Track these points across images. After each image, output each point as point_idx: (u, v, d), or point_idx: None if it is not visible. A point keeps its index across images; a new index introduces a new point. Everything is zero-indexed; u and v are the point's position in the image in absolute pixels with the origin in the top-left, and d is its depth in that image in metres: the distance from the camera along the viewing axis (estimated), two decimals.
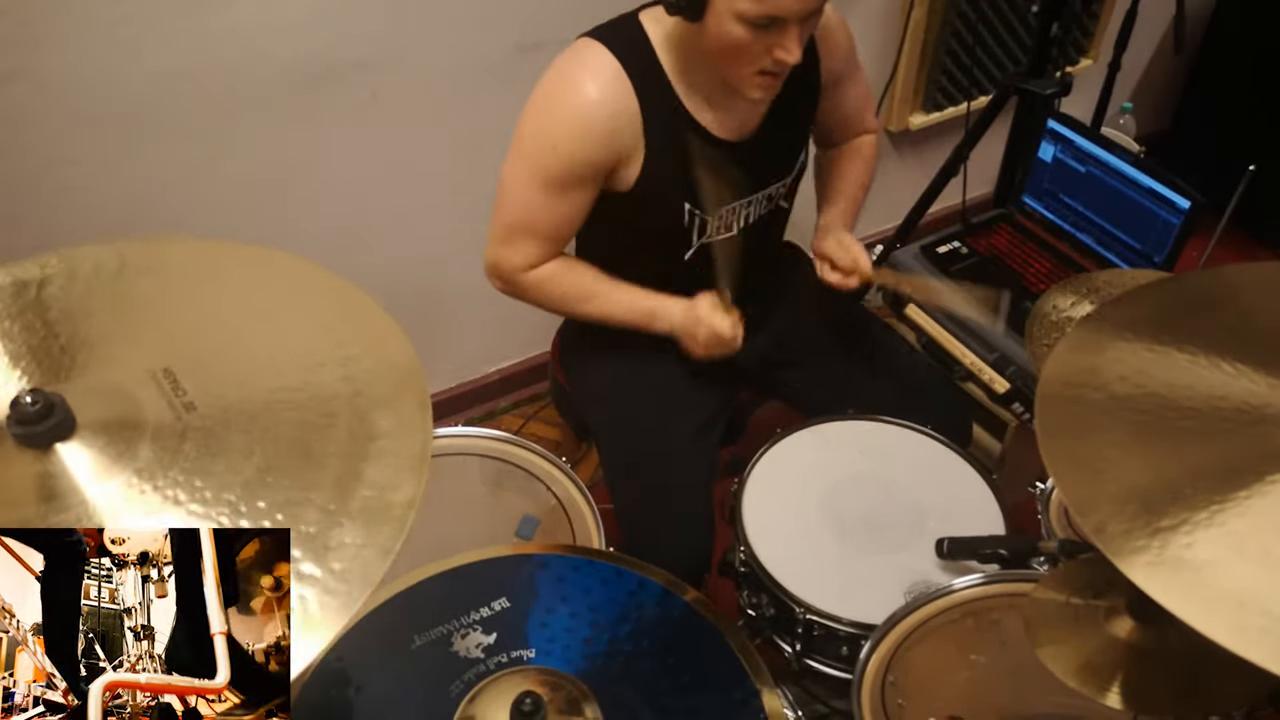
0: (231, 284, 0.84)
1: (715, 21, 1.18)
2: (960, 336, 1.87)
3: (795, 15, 1.16)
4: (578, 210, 1.36)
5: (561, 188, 1.31)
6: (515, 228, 1.37)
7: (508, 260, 1.39)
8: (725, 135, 1.35)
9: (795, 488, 1.39)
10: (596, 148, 1.28)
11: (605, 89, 1.26)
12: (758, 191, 1.42)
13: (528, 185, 1.32)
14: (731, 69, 1.24)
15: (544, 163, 1.30)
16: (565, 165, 1.29)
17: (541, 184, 1.31)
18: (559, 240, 1.39)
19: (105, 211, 1.68)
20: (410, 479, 0.69)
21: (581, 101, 1.26)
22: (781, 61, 1.20)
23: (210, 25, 1.60)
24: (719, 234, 1.42)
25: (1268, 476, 0.70)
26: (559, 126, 1.28)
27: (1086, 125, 1.87)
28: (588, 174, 1.31)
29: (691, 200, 1.36)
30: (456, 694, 1.01)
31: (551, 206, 1.33)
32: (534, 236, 1.37)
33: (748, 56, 1.21)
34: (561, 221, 1.36)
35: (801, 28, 1.18)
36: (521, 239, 1.37)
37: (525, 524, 1.38)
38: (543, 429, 2.32)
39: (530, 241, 1.37)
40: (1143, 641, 0.89)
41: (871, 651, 1.14)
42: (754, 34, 1.17)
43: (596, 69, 1.27)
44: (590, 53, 1.28)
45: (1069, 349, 0.88)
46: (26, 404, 0.65)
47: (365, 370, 0.76)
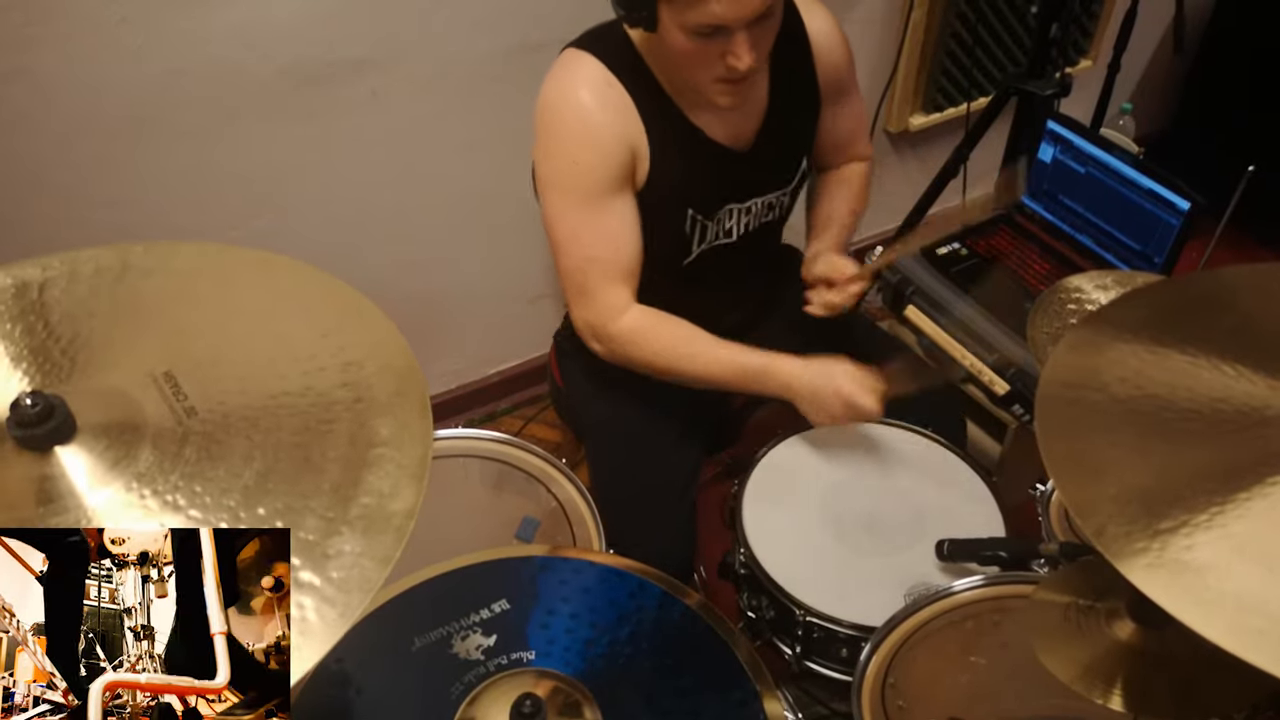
0: (233, 288, 0.84)
1: (666, 33, 1.18)
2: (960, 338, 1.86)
3: (736, 22, 1.14)
4: (626, 223, 1.32)
5: (599, 201, 1.29)
6: (581, 271, 1.33)
7: (593, 315, 1.35)
8: (724, 139, 1.35)
9: (795, 490, 1.39)
10: (614, 148, 1.27)
11: (600, 94, 1.26)
12: (758, 197, 1.42)
13: (569, 217, 1.30)
14: (692, 77, 1.24)
15: (571, 183, 1.28)
16: (591, 175, 1.27)
17: (579, 207, 1.29)
18: (627, 269, 1.34)
19: (105, 212, 1.69)
20: (410, 487, 0.69)
21: (582, 110, 1.26)
22: (734, 68, 1.18)
23: (210, 25, 1.60)
24: (719, 240, 1.42)
25: (1268, 478, 0.70)
26: (569, 141, 1.27)
27: (1086, 126, 1.87)
28: (615, 176, 1.29)
29: (693, 204, 1.36)
30: (456, 696, 1.02)
31: (599, 227, 1.30)
32: (602, 273, 1.32)
33: (702, 65, 1.20)
34: (617, 242, 1.32)
35: (749, 33, 1.16)
36: (597, 283, 1.33)
37: (525, 526, 1.38)
38: (543, 431, 2.32)
39: (601, 281, 1.33)
40: (1143, 644, 0.89)
41: (872, 653, 1.14)
42: (701, 42, 1.16)
43: (587, 78, 1.27)
44: (578, 61, 1.28)
45: (1069, 350, 0.88)
46: (27, 406, 0.65)
47: (366, 376, 0.76)
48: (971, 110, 2.18)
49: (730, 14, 1.13)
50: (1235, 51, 2.63)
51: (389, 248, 2.01)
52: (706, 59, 1.19)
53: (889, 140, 2.47)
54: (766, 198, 1.43)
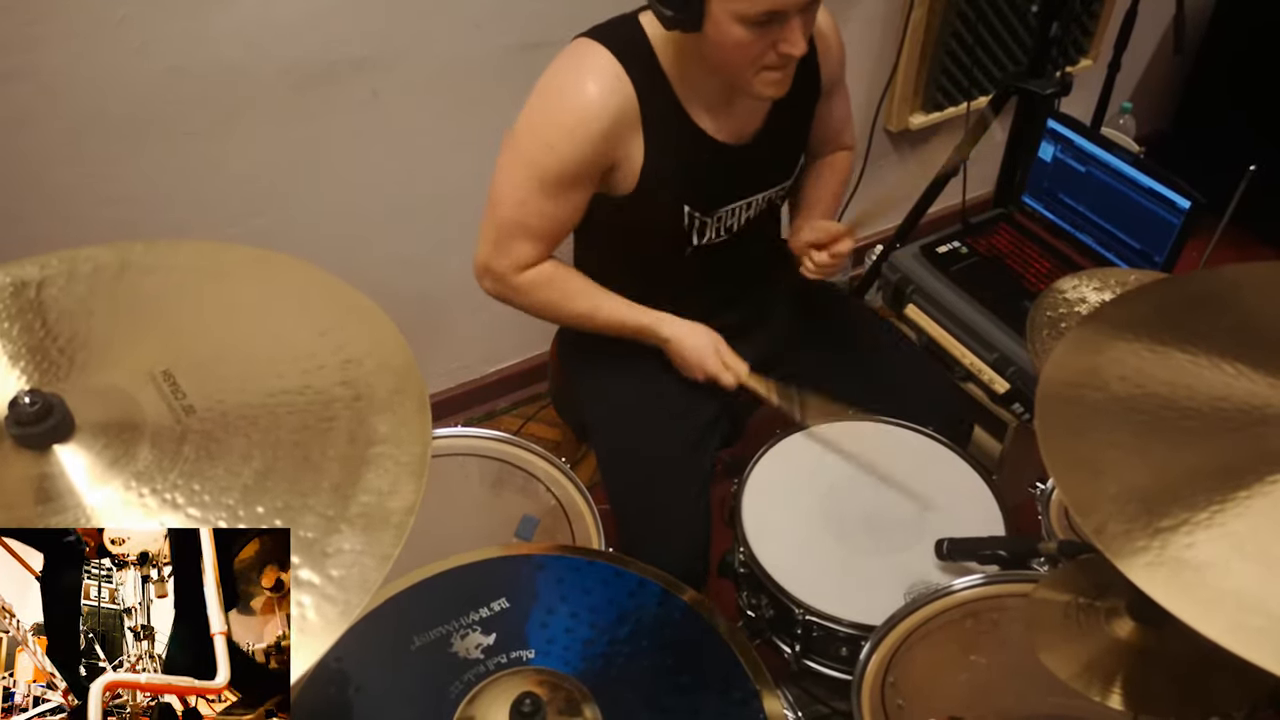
0: (232, 286, 0.84)
1: (714, 27, 1.18)
2: (960, 336, 1.87)
3: (795, 7, 1.16)
4: (572, 212, 1.35)
5: (557, 188, 1.31)
6: (508, 228, 1.36)
7: (499, 262, 1.38)
8: (725, 138, 1.35)
9: (794, 489, 1.39)
10: (594, 149, 1.28)
11: (606, 89, 1.26)
12: (757, 194, 1.42)
13: (522, 185, 1.32)
14: (737, 71, 1.24)
15: (540, 162, 1.29)
16: (561, 166, 1.29)
17: (537, 184, 1.31)
18: (551, 241, 1.39)
19: (105, 211, 1.69)
20: (409, 485, 0.69)
21: (582, 102, 1.26)
22: (788, 55, 1.19)
23: (211, 25, 1.60)
24: (717, 236, 1.42)
25: (1268, 477, 0.70)
26: (557, 126, 1.28)
27: (1086, 125, 1.87)
28: (583, 174, 1.31)
29: (690, 202, 1.36)
30: (456, 695, 1.02)
31: (546, 207, 1.33)
32: (527, 237, 1.36)
33: (752, 55, 1.20)
34: (555, 222, 1.36)
35: (802, 18, 1.18)
36: (514, 240, 1.36)
37: (525, 524, 1.38)
38: (542, 429, 2.32)
39: (523, 242, 1.36)
40: (1143, 642, 0.89)
41: (871, 652, 1.14)
42: (755, 32, 1.17)
43: (598, 69, 1.26)
44: (590, 53, 1.27)
45: (1069, 349, 0.88)
46: (25, 404, 0.65)
47: (365, 374, 0.75)
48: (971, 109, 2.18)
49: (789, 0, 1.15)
50: (1235, 51, 2.63)
51: (388, 246, 2.01)
52: (758, 49, 1.20)
53: (889, 140, 2.47)
54: (766, 193, 1.43)
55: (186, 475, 0.67)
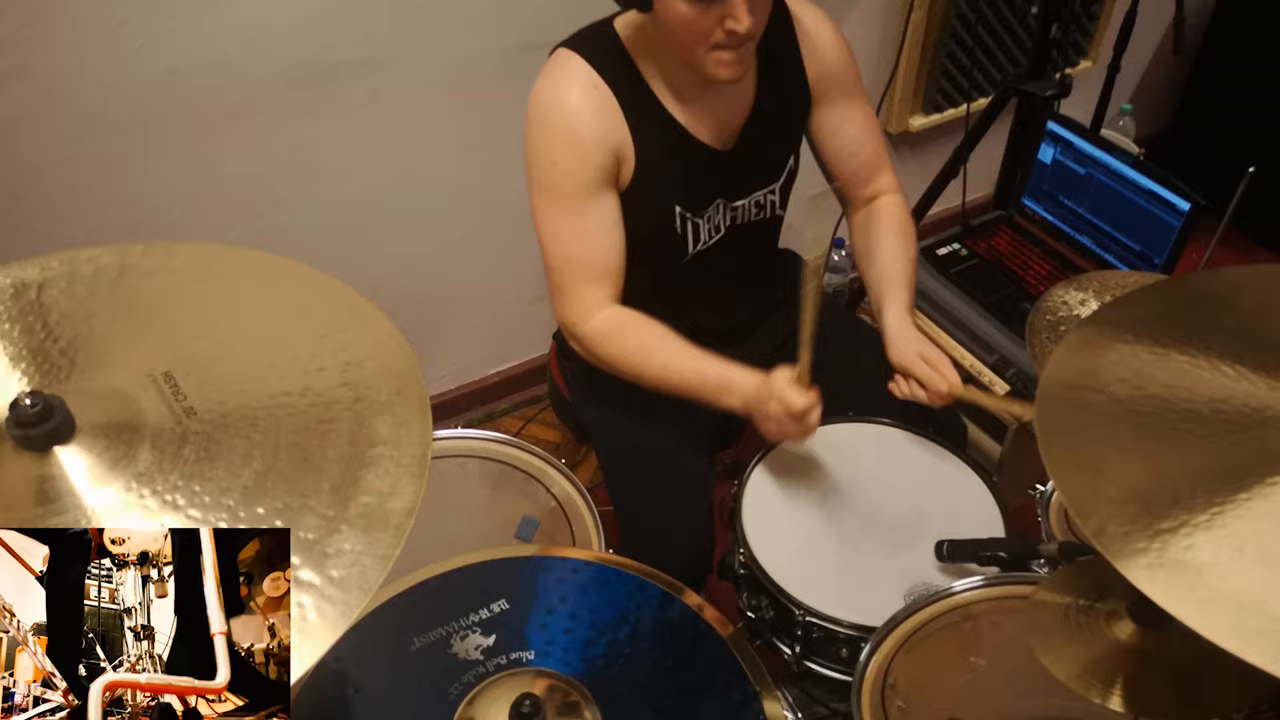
0: (232, 288, 0.84)
1: (661, 6, 1.19)
2: (960, 338, 1.87)
3: None
4: (604, 225, 1.33)
5: (578, 203, 1.30)
6: (559, 268, 1.34)
7: (568, 313, 1.35)
8: (706, 135, 1.36)
9: (795, 490, 1.39)
10: (594, 151, 1.28)
11: (584, 94, 1.28)
12: (746, 196, 1.42)
13: (551, 215, 1.31)
14: (689, 50, 1.23)
15: (552, 183, 1.29)
16: (571, 179, 1.29)
17: (560, 207, 1.30)
18: (604, 269, 1.34)
19: (105, 212, 1.69)
20: (409, 486, 0.69)
21: (566, 112, 1.27)
22: (733, 32, 1.18)
23: (210, 25, 1.60)
24: (711, 238, 1.42)
25: (1267, 479, 0.70)
26: (552, 141, 1.29)
27: (1086, 127, 1.87)
28: (595, 181, 1.30)
29: (680, 202, 1.36)
30: (455, 696, 1.02)
31: (575, 228, 1.31)
32: (580, 273, 1.33)
33: (699, 34, 1.20)
34: (593, 243, 1.33)
35: None
36: (572, 282, 1.34)
37: (524, 525, 1.38)
38: (542, 431, 2.32)
39: (580, 281, 1.33)
40: (1143, 644, 0.89)
41: (871, 654, 1.14)
42: (700, 8, 1.17)
43: (574, 78, 1.28)
44: (566, 63, 1.29)
45: (1069, 351, 0.88)
46: (26, 406, 0.65)
47: (366, 376, 0.76)
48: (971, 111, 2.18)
49: None
50: (1235, 52, 2.63)
51: (388, 247, 2.01)
52: (705, 28, 1.19)
53: (889, 141, 2.47)
54: (754, 195, 1.43)
55: (187, 476, 0.67)
